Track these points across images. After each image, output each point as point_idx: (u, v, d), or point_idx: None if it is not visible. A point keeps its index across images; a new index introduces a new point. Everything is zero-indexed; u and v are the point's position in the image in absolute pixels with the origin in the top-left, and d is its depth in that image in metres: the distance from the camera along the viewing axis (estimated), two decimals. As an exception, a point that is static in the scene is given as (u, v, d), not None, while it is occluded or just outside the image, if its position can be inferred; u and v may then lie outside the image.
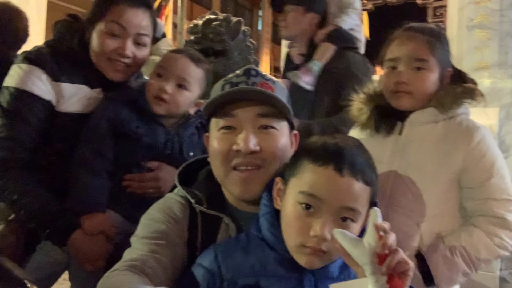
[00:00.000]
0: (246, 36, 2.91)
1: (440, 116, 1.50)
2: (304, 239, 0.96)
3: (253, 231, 1.07)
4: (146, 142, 1.52)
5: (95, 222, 1.43)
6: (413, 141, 1.51)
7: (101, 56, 1.54)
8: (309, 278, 1.00)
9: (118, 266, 1.01)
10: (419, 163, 1.48)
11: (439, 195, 1.48)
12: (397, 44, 1.53)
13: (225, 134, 1.12)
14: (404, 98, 1.51)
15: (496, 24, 5.36)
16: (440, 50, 1.52)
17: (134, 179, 1.53)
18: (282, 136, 1.13)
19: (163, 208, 1.16)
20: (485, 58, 5.32)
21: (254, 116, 1.10)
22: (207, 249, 1.06)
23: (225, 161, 1.11)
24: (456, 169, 1.46)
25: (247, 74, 1.13)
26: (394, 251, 0.84)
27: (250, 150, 1.08)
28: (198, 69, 1.55)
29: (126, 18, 1.52)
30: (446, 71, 1.54)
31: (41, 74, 1.50)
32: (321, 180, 0.97)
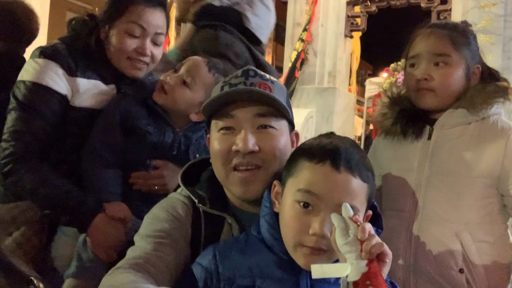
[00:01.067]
0: (250, 36, 2.90)
1: (471, 117, 1.42)
2: (303, 238, 0.96)
3: (252, 232, 1.07)
4: (153, 141, 1.54)
5: (118, 208, 1.46)
6: (443, 145, 1.43)
7: (121, 55, 1.58)
8: (305, 281, 1.00)
9: (121, 264, 1.01)
10: (452, 168, 1.41)
11: (476, 201, 1.39)
12: (418, 41, 1.48)
13: (224, 135, 1.12)
14: (427, 96, 1.44)
15: (500, 29, 5.36)
16: (464, 45, 1.44)
17: (140, 177, 1.55)
18: (281, 136, 1.13)
19: (167, 207, 1.16)
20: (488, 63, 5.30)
21: (252, 116, 1.11)
22: (207, 249, 1.07)
23: (225, 161, 1.12)
24: (492, 173, 1.38)
25: (246, 75, 1.14)
26: (371, 236, 0.88)
27: (249, 150, 1.08)
28: (209, 75, 1.56)
29: (146, 18, 1.56)
30: (474, 68, 1.46)
31: (57, 69, 1.52)
32: (318, 176, 0.97)
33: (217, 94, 1.12)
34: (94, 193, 1.48)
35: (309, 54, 6.90)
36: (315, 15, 6.86)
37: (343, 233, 0.89)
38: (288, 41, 7.27)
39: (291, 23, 7.24)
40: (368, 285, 0.84)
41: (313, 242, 0.95)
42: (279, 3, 18.56)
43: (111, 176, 1.51)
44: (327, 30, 6.91)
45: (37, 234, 1.53)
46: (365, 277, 0.84)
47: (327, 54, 6.90)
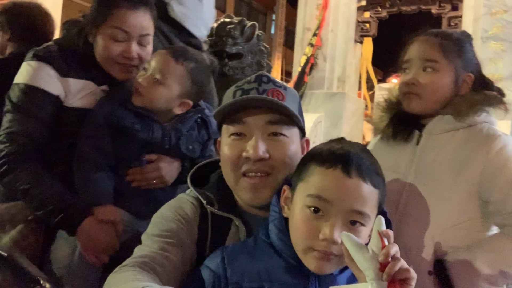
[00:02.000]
0: (260, 40, 2.92)
1: (458, 124, 1.44)
2: (313, 243, 0.96)
3: (261, 236, 1.07)
4: (143, 138, 1.53)
5: (107, 211, 1.46)
6: (430, 151, 1.46)
7: (108, 61, 1.58)
8: (314, 286, 0.99)
9: (127, 262, 1.02)
10: (436, 173, 1.44)
11: (455, 207, 1.42)
12: (411, 47, 1.52)
13: (235, 141, 1.13)
14: (413, 100, 1.47)
15: (511, 36, 5.33)
16: (455, 53, 1.47)
17: (137, 172, 1.55)
18: (292, 143, 1.13)
19: (175, 207, 1.17)
20: (499, 70, 5.29)
21: (263, 123, 1.11)
22: (215, 252, 1.07)
23: (235, 167, 1.12)
24: (474, 180, 1.39)
25: (259, 81, 1.14)
26: (396, 258, 0.85)
27: (259, 157, 1.08)
28: (178, 66, 1.53)
29: (129, 22, 1.55)
30: (466, 75, 1.48)
31: (49, 70, 1.54)
32: (329, 181, 0.96)
33: (230, 101, 1.13)
34: (85, 196, 1.48)
35: (318, 59, 6.90)
36: (325, 20, 6.87)
37: (360, 249, 0.87)
38: (297, 46, 7.28)
39: (301, 28, 7.26)
40: None
41: (324, 247, 0.94)
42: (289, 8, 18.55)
43: (102, 179, 1.51)
44: (337, 35, 6.91)
45: (33, 232, 1.54)
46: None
47: (336, 59, 6.90)
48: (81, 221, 1.44)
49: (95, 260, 1.44)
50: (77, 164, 1.52)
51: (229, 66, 2.75)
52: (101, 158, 1.51)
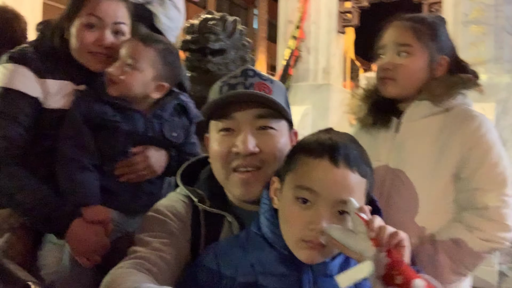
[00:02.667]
0: (243, 35, 2.91)
1: (435, 109, 1.45)
2: (302, 234, 0.96)
3: (253, 229, 1.07)
4: (125, 129, 1.51)
5: (96, 211, 1.44)
6: (409, 137, 1.47)
7: (82, 50, 1.56)
8: (308, 276, 1.00)
9: (123, 264, 1.02)
10: (416, 160, 1.45)
11: (438, 191, 1.43)
12: (385, 33, 1.53)
13: (224, 136, 1.13)
14: (389, 85, 1.48)
15: (491, 19, 5.38)
16: (428, 36, 1.48)
17: (125, 164, 1.53)
18: (281, 136, 1.13)
19: (166, 206, 1.16)
20: (481, 53, 5.34)
21: (252, 117, 1.11)
22: (207, 248, 1.07)
23: (225, 163, 1.12)
24: (454, 163, 1.41)
25: (245, 75, 1.14)
26: (382, 228, 0.88)
27: (249, 151, 1.08)
28: (148, 49, 1.52)
29: (101, 9, 1.54)
30: (440, 58, 1.49)
31: (26, 72, 1.52)
32: (317, 172, 0.97)
33: (217, 96, 1.13)
34: (72, 198, 1.46)
35: (302, 51, 6.90)
36: (307, 12, 6.87)
37: (349, 235, 0.90)
38: (280, 39, 7.27)
39: (283, 21, 7.24)
40: (396, 275, 0.83)
41: (313, 237, 0.95)
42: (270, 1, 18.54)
43: (88, 179, 1.48)
44: (319, 27, 6.91)
45: (21, 239, 1.52)
46: (390, 268, 0.84)
47: (320, 50, 6.91)
48: (69, 224, 1.42)
49: (87, 262, 1.42)
50: (61, 166, 1.49)
51: (213, 63, 2.74)
52: (84, 158, 1.48)
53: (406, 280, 0.83)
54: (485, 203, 1.36)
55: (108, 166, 1.52)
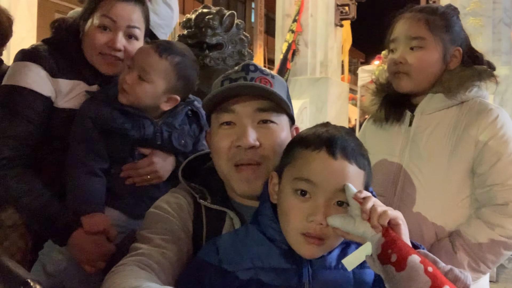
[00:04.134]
0: (240, 29, 2.89)
1: (449, 102, 1.42)
2: (302, 226, 0.97)
3: (252, 224, 1.08)
4: (134, 136, 1.50)
5: (95, 221, 1.42)
6: (423, 131, 1.44)
7: (93, 51, 1.55)
8: (307, 269, 1.00)
9: (124, 261, 1.02)
10: (430, 154, 1.42)
11: (453, 186, 1.40)
12: (396, 26, 1.49)
13: (225, 130, 1.13)
14: (403, 79, 1.45)
15: (489, 11, 5.38)
16: (441, 28, 1.43)
17: (131, 167, 1.53)
18: (281, 131, 1.13)
19: (168, 203, 1.16)
20: (478, 45, 5.29)
21: (253, 110, 1.11)
22: (208, 243, 1.07)
23: (227, 157, 1.12)
24: (469, 157, 1.37)
25: (246, 70, 1.14)
26: (374, 208, 0.90)
27: (250, 144, 1.08)
28: (162, 61, 1.49)
29: (116, 11, 1.53)
30: (454, 50, 1.45)
31: (39, 71, 1.51)
32: (315, 164, 0.97)
33: (218, 89, 1.12)
34: (75, 204, 1.45)
35: (300, 45, 6.90)
36: (304, 5, 6.85)
37: (349, 222, 0.92)
38: (278, 33, 7.26)
39: (280, 14, 7.23)
40: (390, 253, 0.86)
41: (312, 229, 0.96)
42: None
43: (94, 185, 1.47)
44: (317, 20, 6.90)
45: (22, 237, 1.52)
46: (385, 247, 0.87)
47: (318, 44, 6.91)
48: (69, 234, 1.41)
49: (91, 269, 1.41)
50: (69, 169, 1.48)
51: (210, 57, 2.72)
52: (94, 163, 1.48)
53: (402, 258, 0.85)
54: (505, 199, 1.33)
55: (115, 169, 1.52)
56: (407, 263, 0.85)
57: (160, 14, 2.26)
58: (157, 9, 2.27)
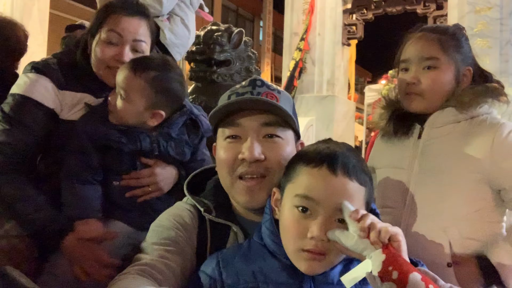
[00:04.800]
0: (248, 46, 2.92)
1: (460, 116, 1.41)
2: (302, 242, 0.97)
3: (255, 239, 1.08)
4: (131, 149, 1.51)
5: (88, 228, 1.43)
6: (433, 143, 1.44)
7: (101, 65, 1.58)
8: (309, 285, 1.00)
9: (128, 270, 1.02)
10: (440, 166, 1.41)
11: (462, 197, 1.38)
12: (408, 45, 1.49)
13: (230, 143, 1.13)
14: (415, 100, 1.45)
15: (496, 33, 5.39)
16: (454, 48, 1.44)
17: (131, 177, 1.53)
18: (287, 145, 1.14)
19: (173, 215, 1.17)
20: (485, 66, 5.31)
21: (258, 125, 1.12)
22: (211, 256, 1.08)
23: (231, 170, 1.12)
24: (480, 169, 1.36)
25: (253, 85, 1.15)
26: (373, 226, 0.90)
27: (254, 158, 1.09)
28: (137, 79, 1.49)
29: (122, 26, 1.57)
30: (465, 70, 1.45)
31: (46, 83, 1.54)
32: (316, 181, 0.97)
33: (224, 102, 1.13)
34: (68, 210, 1.45)
35: (307, 63, 6.93)
36: (312, 24, 6.91)
37: (348, 237, 0.91)
38: (286, 51, 7.31)
39: (288, 33, 7.29)
40: (391, 270, 0.85)
41: (313, 245, 0.95)
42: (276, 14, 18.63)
43: (88, 192, 1.48)
44: (324, 39, 6.95)
45: (28, 247, 1.52)
46: (386, 265, 0.86)
47: (325, 62, 6.94)
48: (61, 237, 1.41)
49: (83, 275, 1.39)
50: (65, 180, 1.49)
51: (218, 73, 2.75)
52: (88, 174, 1.49)
53: (403, 275, 0.85)
54: None
55: (118, 181, 1.53)
56: (408, 281, 0.84)
57: (177, 34, 2.31)
58: (175, 29, 2.32)
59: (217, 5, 18.63)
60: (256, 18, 20.88)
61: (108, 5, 1.62)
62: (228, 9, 19.86)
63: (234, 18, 19.83)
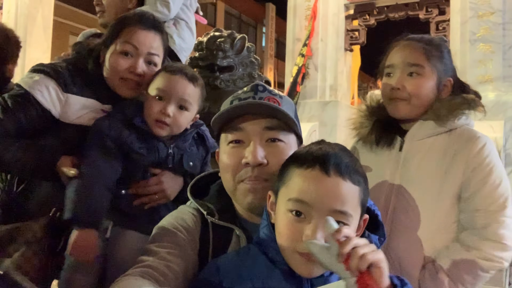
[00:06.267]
0: (251, 52, 2.93)
1: (439, 128, 1.47)
2: (297, 246, 0.96)
3: (254, 244, 1.08)
4: (149, 160, 1.56)
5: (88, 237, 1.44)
6: (413, 156, 1.48)
7: (115, 75, 1.62)
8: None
9: (130, 272, 1.03)
10: (420, 179, 1.46)
11: (442, 211, 1.44)
12: (394, 52, 1.54)
13: (233, 148, 1.14)
14: (400, 105, 1.49)
15: (499, 37, 5.39)
16: (437, 58, 1.50)
17: (139, 185, 1.57)
18: (289, 149, 1.14)
19: (176, 218, 1.18)
20: (489, 71, 5.33)
21: (261, 129, 1.12)
22: (210, 262, 1.08)
23: (234, 174, 1.13)
24: (458, 183, 1.42)
25: (255, 90, 1.16)
26: (354, 253, 0.84)
27: (258, 162, 1.09)
28: (196, 89, 1.59)
29: (138, 38, 1.61)
30: (446, 80, 1.51)
31: (50, 84, 1.58)
32: (308, 183, 0.97)
33: (226, 108, 1.14)
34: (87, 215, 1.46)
35: (310, 68, 6.94)
36: (315, 30, 6.92)
37: (326, 255, 0.87)
38: (288, 57, 7.32)
39: (291, 39, 7.30)
40: None
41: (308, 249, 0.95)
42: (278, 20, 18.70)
43: (105, 202, 1.49)
44: (327, 45, 6.96)
45: (36, 254, 1.54)
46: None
47: (327, 68, 6.94)
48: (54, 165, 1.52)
49: None
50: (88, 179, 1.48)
51: (221, 79, 2.76)
52: (114, 178, 1.52)
53: None
54: (484, 223, 1.37)
55: (125, 190, 1.56)
56: None
57: (185, 39, 2.34)
58: (182, 33, 2.36)
59: (220, 11, 18.70)
60: (258, 24, 20.93)
61: (124, 18, 1.67)
62: (231, 15, 19.93)
63: (237, 24, 19.89)
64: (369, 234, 1.09)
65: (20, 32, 7.28)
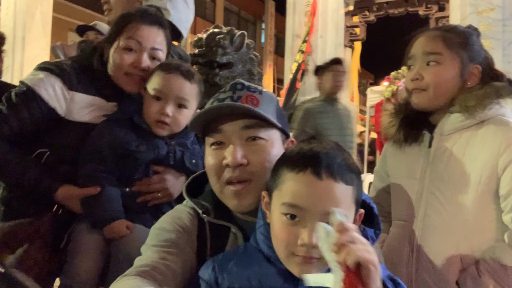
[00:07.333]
0: (250, 49, 2.93)
1: (467, 121, 1.37)
2: (293, 249, 0.95)
3: (251, 243, 1.07)
4: (148, 157, 1.56)
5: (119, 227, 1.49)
6: (443, 153, 1.40)
7: (119, 71, 1.62)
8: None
9: (128, 272, 1.02)
10: (451, 176, 1.37)
11: (476, 209, 1.34)
12: (413, 44, 1.48)
13: (215, 150, 1.14)
14: (420, 96, 1.42)
15: (499, 34, 5.38)
16: (459, 45, 1.41)
17: (142, 183, 1.58)
18: (271, 146, 1.13)
19: (173, 218, 1.17)
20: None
21: (239, 129, 1.12)
22: (207, 261, 1.07)
23: (218, 176, 1.13)
24: (492, 178, 1.33)
25: (233, 89, 1.15)
26: (345, 247, 0.80)
27: (237, 163, 1.09)
28: (193, 85, 1.58)
29: (142, 34, 1.62)
30: (473, 67, 1.41)
31: (55, 82, 1.59)
32: (301, 187, 0.95)
33: (201, 111, 1.15)
34: (101, 212, 1.50)
35: (309, 65, 6.92)
36: (314, 26, 6.91)
37: (324, 243, 0.85)
38: (288, 53, 7.31)
39: (290, 35, 7.29)
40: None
41: (304, 252, 0.94)
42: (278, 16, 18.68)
43: (116, 194, 1.54)
44: (326, 41, 6.95)
45: (39, 250, 1.55)
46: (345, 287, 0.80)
47: (327, 64, 6.93)
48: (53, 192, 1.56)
49: None
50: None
51: (220, 76, 2.76)
52: (109, 179, 1.54)
53: None
54: None
55: (129, 188, 1.57)
56: None
57: (180, 10, 2.29)
58: (176, 4, 2.31)
59: (219, 7, 18.68)
60: (258, 20, 20.91)
61: (127, 14, 1.67)
62: (230, 11, 19.90)
63: (236, 21, 19.87)
64: (364, 228, 1.08)
65: (19, 29, 7.27)
